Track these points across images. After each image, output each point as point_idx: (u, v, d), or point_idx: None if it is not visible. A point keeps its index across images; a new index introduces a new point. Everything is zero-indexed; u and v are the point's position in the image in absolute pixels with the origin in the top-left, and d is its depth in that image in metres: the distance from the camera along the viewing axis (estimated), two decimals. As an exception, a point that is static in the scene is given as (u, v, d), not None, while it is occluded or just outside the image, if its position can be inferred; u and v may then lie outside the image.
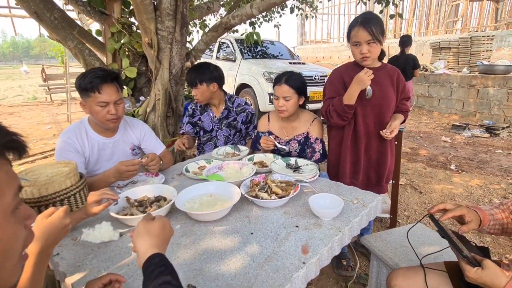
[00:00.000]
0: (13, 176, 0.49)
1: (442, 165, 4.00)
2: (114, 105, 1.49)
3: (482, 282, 0.86)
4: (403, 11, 13.24)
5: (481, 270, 0.87)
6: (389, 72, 1.77)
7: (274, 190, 1.28)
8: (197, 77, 2.06)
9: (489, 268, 0.86)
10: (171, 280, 0.60)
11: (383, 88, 1.73)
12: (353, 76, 1.72)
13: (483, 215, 1.09)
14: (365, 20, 1.58)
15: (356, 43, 1.63)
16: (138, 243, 0.69)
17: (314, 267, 0.96)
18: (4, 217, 0.46)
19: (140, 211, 1.16)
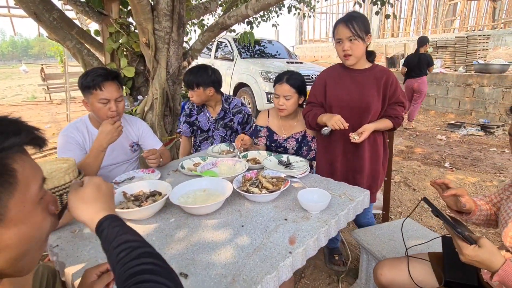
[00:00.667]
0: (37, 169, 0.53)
1: (436, 163, 4.06)
2: (115, 103, 1.56)
3: (479, 260, 0.85)
4: (401, 10, 13.29)
5: (478, 247, 0.85)
6: (377, 74, 1.70)
7: (265, 185, 1.33)
8: (195, 80, 2.09)
9: (486, 246, 0.85)
10: (129, 238, 0.59)
11: (364, 91, 1.68)
12: (335, 77, 1.74)
13: (475, 205, 1.14)
14: (347, 18, 1.59)
15: (338, 40, 1.62)
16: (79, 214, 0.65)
17: (300, 256, 1.02)
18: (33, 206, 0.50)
19: (136, 205, 1.21)
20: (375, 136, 1.76)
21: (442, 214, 0.96)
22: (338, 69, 1.78)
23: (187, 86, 2.15)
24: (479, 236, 0.88)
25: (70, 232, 1.15)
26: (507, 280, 0.83)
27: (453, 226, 0.90)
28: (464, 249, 0.86)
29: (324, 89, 1.76)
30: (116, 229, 0.61)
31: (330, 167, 1.81)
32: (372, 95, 1.67)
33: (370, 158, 1.77)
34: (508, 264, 0.83)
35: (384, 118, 1.72)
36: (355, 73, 1.71)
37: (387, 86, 1.69)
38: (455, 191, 1.08)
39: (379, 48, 11.58)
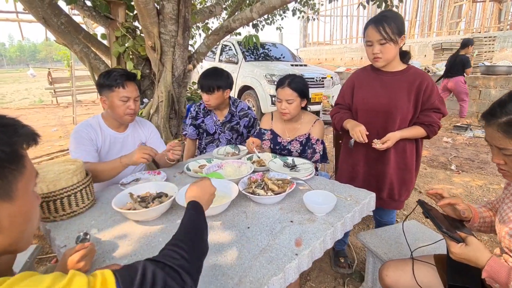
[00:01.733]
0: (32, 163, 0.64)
1: (442, 165, 4.02)
2: (133, 101, 1.67)
3: (466, 257, 0.89)
4: (405, 12, 13.26)
5: (465, 246, 0.89)
6: (409, 77, 1.58)
7: (270, 187, 1.33)
8: (215, 83, 2.10)
9: (473, 244, 0.89)
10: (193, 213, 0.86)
11: (393, 95, 1.58)
12: (364, 79, 1.68)
13: (474, 212, 1.14)
14: (378, 19, 1.48)
15: (368, 43, 1.53)
16: (192, 190, 0.96)
17: (306, 258, 1.01)
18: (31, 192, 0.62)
19: (143, 206, 1.22)
20: (404, 144, 1.65)
21: (431, 215, 0.97)
22: (368, 71, 1.71)
23: (205, 89, 2.12)
24: (467, 235, 0.89)
25: (77, 233, 1.16)
26: (494, 276, 0.84)
27: (439, 226, 0.92)
28: (451, 247, 0.91)
29: (352, 91, 1.72)
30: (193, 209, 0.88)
31: (352, 171, 1.80)
32: (401, 100, 1.57)
33: (397, 166, 1.69)
34: (493, 260, 0.84)
35: (416, 125, 1.61)
36: (386, 75, 1.63)
37: (421, 91, 1.56)
38: (449, 200, 1.08)
39: (384, 50, 11.54)
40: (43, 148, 5.25)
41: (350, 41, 15.34)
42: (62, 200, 1.22)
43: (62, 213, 1.24)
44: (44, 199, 1.20)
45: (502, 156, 0.93)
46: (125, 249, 1.07)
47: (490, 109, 0.94)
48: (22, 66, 70.86)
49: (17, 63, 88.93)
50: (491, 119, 0.92)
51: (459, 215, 1.11)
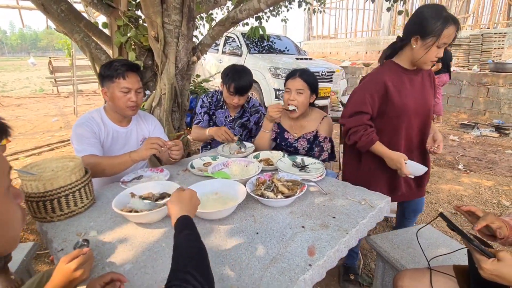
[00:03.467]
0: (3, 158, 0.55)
1: (450, 164, 3.94)
2: (135, 93, 1.58)
3: (499, 274, 0.81)
4: (413, 7, 13.01)
5: (497, 261, 0.81)
6: (424, 72, 1.58)
7: (280, 189, 1.26)
8: (248, 83, 2.06)
9: (507, 259, 0.81)
10: (189, 232, 0.82)
11: (425, 94, 1.54)
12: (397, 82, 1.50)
13: (509, 227, 1.04)
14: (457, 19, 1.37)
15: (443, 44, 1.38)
16: (172, 208, 0.89)
17: (321, 269, 0.94)
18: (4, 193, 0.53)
19: (145, 210, 1.15)
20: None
21: (457, 228, 0.89)
22: (398, 71, 1.54)
23: (239, 92, 2.04)
24: (499, 250, 0.81)
25: (76, 235, 1.09)
26: None
27: (469, 239, 0.84)
28: (482, 263, 0.82)
29: (384, 96, 1.52)
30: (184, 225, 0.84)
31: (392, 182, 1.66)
32: (430, 97, 1.57)
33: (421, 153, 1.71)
34: None
35: None
36: (411, 74, 1.54)
37: (432, 81, 1.61)
38: (485, 222, 0.98)
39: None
40: (43, 138, 5.18)
41: (355, 35, 15.10)
42: (59, 199, 1.15)
43: (59, 213, 1.17)
44: (41, 198, 1.12)
45: None
46: (126, 254, 1.00)
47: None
48: (23, 54, 70.48)
49: (18, 51, 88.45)
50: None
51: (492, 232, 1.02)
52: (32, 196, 1.13)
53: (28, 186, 1.14)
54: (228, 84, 2.03)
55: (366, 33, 14.80)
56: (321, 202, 1.29)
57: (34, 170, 1.24)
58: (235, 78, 2.01)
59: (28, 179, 1.13)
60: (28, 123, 6.22)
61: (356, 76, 9.12)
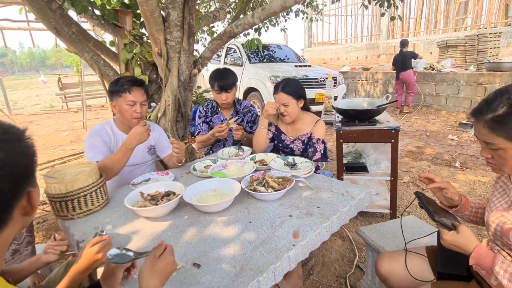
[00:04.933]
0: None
1: (447, 163, 4.05)
2: (140, 105, 1.78)
3: (456, 244, 0.96)
4: (410, 10, 13.19)
5: (456, 233, 0.96)
6: None
7: (271, 185, 1.42)
8: (230, 80, 2.28)
9: (463, 232, 0.96)
10: None
11: None
12: None
13: (465, 200, 1.20)
14: None
15: None
16: (142, 280, 0.81)
17: (303, 249, 1.10)
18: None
19: (153, 204, 1.32)
20: None
21: (425, 205, 1.04)
22: None
23: (225, 89, 2.27)
24: (459, 224, 0.96)
25: (94, 229, 1.26)
26: (480, 262, 0.90)
27: (432, 215, 0.99)
28: (443, 235, 0.97)
29: None
30: None
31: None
32: None
33: None
34: (480, 247, 0.91)
35: None
36: None
37: None
38: (439, 184, 1.15)
39: (389, 48, 11.53)
40: (55, 152, 5.43)
41: (355, 40, 15.31)
42: (79, 199, 1.33)
43: (79, 212, 1.34)
44: (63, 198, 1.30)
45: (489, 150, 0.99)
46: (138, 243, 1.16)
47: (478, 106, 1.01)
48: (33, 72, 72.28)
49: (27, 70, 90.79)
50: (478, 115, 0.98)
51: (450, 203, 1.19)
52: (56, 197, 1.31)
53: (52, 188, 1.32)
54: (213, 84, 2.28)
55: (366, 38, 15.00)
56: (308, 195, 1.44)
57: (56, 175, 1.43)
58: (217, 78, 2.27)
59: (52, 182, 1.31)
60: (40, 138, 6.50)
61: (356, 81, 9.28)
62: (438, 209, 1.14)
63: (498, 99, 0.92)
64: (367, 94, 8.95)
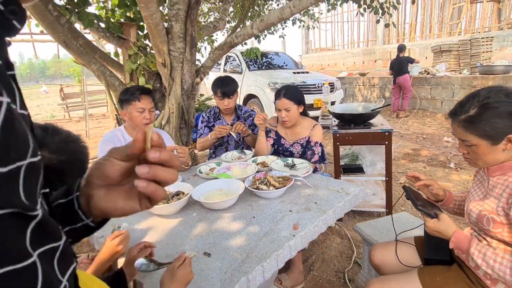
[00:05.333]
0: None
1: (442, 164, 4.17)
2: (148, 112, 1.92)
3: (437, 230, 1.08)
4: (405, 15, 13.46)
5: (437, 220, 1.09)
6: None
7: (272, 183, 1.54)
8: (232, 87, 2.42)
9: (444, 219, 1.09)
10: None
11: None
12: None
13: (449, 195, 1.33)
14: None
15: None
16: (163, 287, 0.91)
17: (302, 239, 1.22)
18: None
19: (164, 203, 1.44)
20: None
21: (410, 196, 1.17)
22: None
23: (227, 95, 2.40)
24: (440, 213, 1.09)
25: (111, 226, 1.38)
26: (459, 245, 1.03)
27: (415, 204, 1.12)
28: (426, 222, 1.10)
29: None
30: None
31: None
32: None
33: None
34: (458, 232, 1.04)
35: None
36: None
37: None
38: (424, 182, 1.28)
39: (385, 54, 11.73)
40: (60, 160, 5.53)
41: (352, 46, 15.56)
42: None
43: (96, 211, 1.46)
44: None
45: (465, 147, 1.12)
46: (152, 238, 1.28)
47: (453, 109, 1.14)
48: (32, 83, 72.62)
49: (27, 80, 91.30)
50: (454, 116, 1.12)
51: (436, 198, 1.31)
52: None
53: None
54: (216, 91, 2.42)
55: (363, 43, 15.25)
56: (306, 193, 1.57)
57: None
58: (219, 85, 2.41)
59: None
60: (44, 147, 6.61)
61: (353, 86, 9.45)
62: (425, 203, 1.26)
63: (470, 102, 1.05)
64: (364, 98, 9.11)
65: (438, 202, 1.33)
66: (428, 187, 1.31)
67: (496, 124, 0.98)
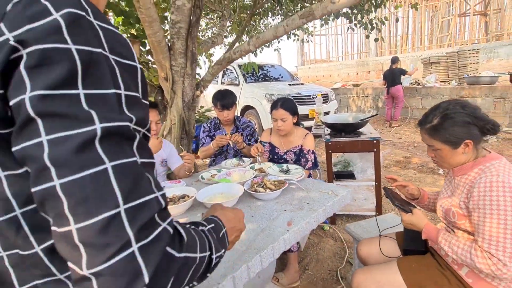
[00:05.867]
0: None
1: (431, 170, 4.36)
2: (155, 124, 2.09)
3: (411, 223, 1.26)
4: (397, 28, 13.90)
5: (411, 215, 1.27)
6: None
7: (268, 186, 1.71)
8: (230, 100, 2.61)
9: (417, 213, 1.27)
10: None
11: None
12: None
13: (423, 193, 1.51)
14: None
15: None
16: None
17: (296, 234, 1.38)
18: None
19: (171, 204, 1.60)
20: None
21: (389, 195, 1.34)
22: None
23: (226, 107, 2.59)
24: (414, 208, 1.26)
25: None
26: (429, 235, 1.20)
27: (393, 201, 1.29)
28: (402, 217, 1.27)
29: None
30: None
31: None
32: None
33: None
34: (428, 224, 1.21)
35: None
36: None
37: None
38: (400, 183, 1.47)
39: (377, 65, 12.08)
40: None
41: (346, 58, 15.97)
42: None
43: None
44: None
45: (432, 151, 1.30)
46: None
47: (421, 119, 1.33)
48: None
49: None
50: (421, 125, 1.31)
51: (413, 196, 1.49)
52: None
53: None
54: (216, 103, 2.62)
55: (357, 55, 15.66)
56: (299, 195, 1.73)
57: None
58: (219, 98, 2.61)
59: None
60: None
61: (347, 96, 9.72)
62: (402, 201, 1.44)
63: (433, 113, 1.24)
64: (358, 109, 9.37)
65: (414, 200, 1.50)
66: (404, 187, 1.49)
67: (454, 132, 1.17)
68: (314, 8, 2.51)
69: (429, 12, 13.51)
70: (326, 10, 2.46)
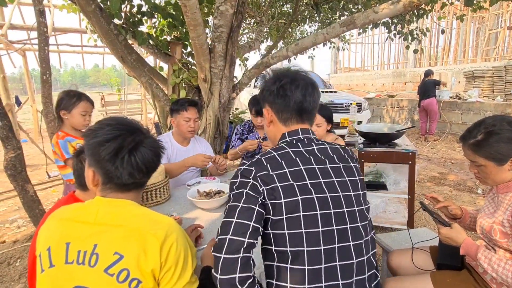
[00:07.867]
0: None
1: (469, 189, 4.16)
2: (193, 121, 2.19)
3: (450, 237, 1.22)
4: (438, 39, 13.37)
5: (450, 228, 1.23)
6: None
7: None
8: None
9: (456, 228, 1.23)
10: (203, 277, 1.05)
11: None
12: None
13: (465, 212, 1.47)
14: None
15: None
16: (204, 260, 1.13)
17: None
18: None
19: (207, 198, 1.68)
20: None
21: (427, 208, 1.32)
22: None
23: (258, 114, 2.66)
24: (453, 222, 1.23)
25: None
26: (468, 252, 1.17)
27: (431, 214, 1.27)
28: (440, 230, 1.24)
29: None
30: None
31: None
32: None
33: None
34: (467, 239, 1.18)
35: None
36: None
37: None
38: (443, 204, 1.42)
39: (415, 76, 11.67)
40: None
41: (382, 68, 15.57)
42: (151, 192, 1.71)
43: (150, 202, 1.73)
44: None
45: (475, 167, 1.28)
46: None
47: (463, 134, 1.30)
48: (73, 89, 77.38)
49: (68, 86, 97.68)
50: (464, 141, 1.28)
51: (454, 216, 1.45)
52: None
53: (132, 183, 1.72)
54: (251, 109, 2.69)
55: (393, 65, 15.23)
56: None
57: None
58: (255, 103, 2.67)
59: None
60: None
61: (381, 107, 9.48)
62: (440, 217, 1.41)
63: (477, 129, 1.22)
64: (392, 120, 9.10)
65: (456, 219, 1.46)
66: (447, 208, 1.45)
67: (500, 148, 1.14)
68: (356, 17, 2.51)
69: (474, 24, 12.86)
70: (368, 19, 2.46)
